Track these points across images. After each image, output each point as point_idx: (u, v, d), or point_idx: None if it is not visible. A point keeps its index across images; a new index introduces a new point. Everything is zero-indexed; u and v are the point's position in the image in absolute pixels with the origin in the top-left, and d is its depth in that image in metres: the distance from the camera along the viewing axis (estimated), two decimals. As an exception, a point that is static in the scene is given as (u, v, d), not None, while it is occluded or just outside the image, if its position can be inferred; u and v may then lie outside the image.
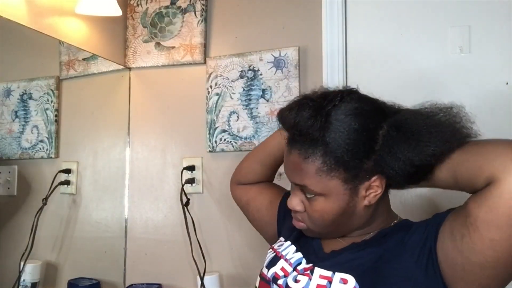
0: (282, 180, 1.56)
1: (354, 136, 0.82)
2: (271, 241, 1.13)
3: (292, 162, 0.88)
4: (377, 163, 0.84)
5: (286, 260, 0.95)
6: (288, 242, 0.99)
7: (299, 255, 0.95)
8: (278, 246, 1.01)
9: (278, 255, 0.98)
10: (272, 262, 0.98)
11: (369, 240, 0.90)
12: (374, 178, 0.85)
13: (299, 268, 0.92)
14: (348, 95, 0.86)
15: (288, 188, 0.99)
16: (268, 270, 0.97)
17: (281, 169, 1.53)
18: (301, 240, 0.98)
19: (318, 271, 0.88)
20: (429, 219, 0.84)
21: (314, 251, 0.94)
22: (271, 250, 1.03)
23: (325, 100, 0.85)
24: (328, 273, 0.86)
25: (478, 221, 0.72)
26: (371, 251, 0.87)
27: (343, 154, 0.82)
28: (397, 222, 0.93)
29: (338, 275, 0.85)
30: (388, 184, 0.88)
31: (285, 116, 0.88)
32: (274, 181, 1.27)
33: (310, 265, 0.90)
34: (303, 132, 0.84)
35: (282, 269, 0.94)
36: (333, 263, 0.88)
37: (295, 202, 0.91)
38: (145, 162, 1.79)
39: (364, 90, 0.91)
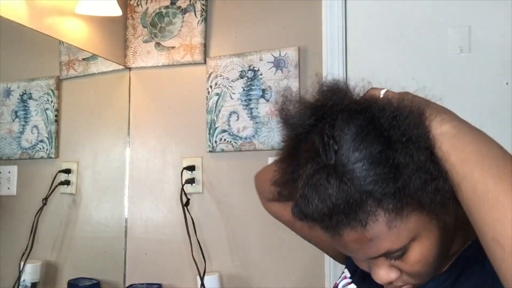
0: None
1: (382, 158, 0.60)
2: (336, 257, 0.94)
3: (353, 242, 0.63)
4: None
5: None
6: (353, 285, 0.82)
7: None
8: (342, 285, 0.84)
9: None
10: None
11: (444, 275, 0.71)
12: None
13: None
14: (335, 119, 0.63)
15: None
16: None
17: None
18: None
19: None
20: None
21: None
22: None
23: (319, 152, 0.61)
24: None
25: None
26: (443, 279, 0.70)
27: (390, 184, 0.59)
28: (471, 243, 0.71)
29: None
30: None
31: (309, 211, 0.61)
32: None
33: None
34: (341, 209, 0.59)
35: None
36: None
37: (386, 274, 0.67)
38: (145, 162, 1.79)
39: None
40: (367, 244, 0.62)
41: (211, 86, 1.67)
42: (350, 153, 0.60)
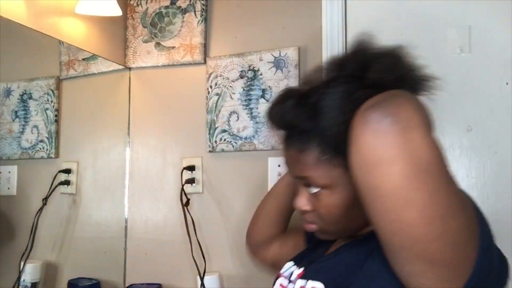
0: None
1: (347, 118, 0.72)
2: None
3: (290, 156, 0.83)
4: None
5: (282, 275, 0.92)
6: (290, 262, 0.95)
7: (291, 263, 0.92)
8: (284, 269, 0.95)
9: (279, 275, 0.93)
10: (274, 282, 0.94)
11: (356, 240, 0.82)
12: None
13: (292, 278, 0.87)
14: (334, 79, 0.79)
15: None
16: None
17: (281, 169, 1.54)
18: (308, 252, 0.94)
19: (299, 282, 0.82)
20: None
21: (313, 257, 0.89)
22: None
23: (310, 88, 0.80)
24: (303, 282, 0.80)
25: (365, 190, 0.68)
26: (348, 254, 0.79)
27: (339, 138, 0.72)
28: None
29: (310, 284, 0.78)
30: None
31: (271, 112, 0.84)
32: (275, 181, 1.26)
33: (302, 269, 0.86)
34: (291, 124, 0.80)
35: (281, 285, 0.90)
36: (317, 268, 0.82)
37: (302, 202, 0.84)
38: (145, 162, 1.79)
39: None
40: (297, 164, 0.81)
41: (211, 86, 1.67)
42: (329, 99, 0.76)
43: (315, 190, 0.81)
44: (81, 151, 1.72)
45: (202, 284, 1.53)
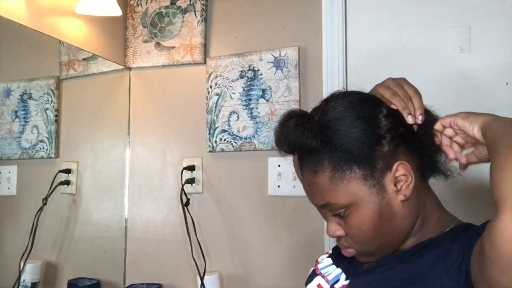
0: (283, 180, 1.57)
1: (354, 127, 0.75)
2: None
3: (307, 183, 0.80)
4: (390, 146, 0.75)
5: (323, 276, 0.89)
6: (328, 259, 0.92)
7: (338, 270, 0.87)
8: (321, 259, 0.94)
9: (316, 271, 0.91)
10: (309, 278, 0.91)
11: (404, 253, 0.78)
12: (395, 165, 0.75)
13: (336, 286, 0.85)
14: (332, 96, 0.81)
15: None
16: (306, 286, 0.91)
17: (281, 169, 1.54)
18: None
19: None
20: (480, 226, 0.72)
21: (356, 263, 0.86)
22: (314, 263, 0.95)
23: (310, 111, 0.81)
24: None
25: (485, 257, 0.59)
26: (403, 268, 0.76)
27: (349, 149, 0.74)
28: (453, 227, 0.79)
29: None
30: (421, 171, 0.79)
31: (276, 136, 0.81)
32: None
33: (347, 282, 0.83)
34: (297, 145, 0.77)
35: (318, 285, 0.87)
36: (369, 282, 0.79)
37: (334, 228, 0.80)
38: (145, 162, 1.79)
39: (364, 90, 0.90)
40: (315, 190, 0.78)
41: (211, 86, 1.67)
42: (331, 114, 0.77)
43: (339, 212, 0.77)
44: (81, 151, 1.72)
45: (202, 284, 1.53)
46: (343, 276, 0.86)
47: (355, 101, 0.78)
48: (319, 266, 0.92)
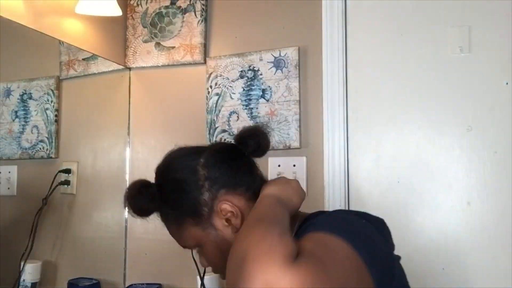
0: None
1: (174, 184, 0.90)
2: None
3: (171, 233, 0.96)
4: (210, 192, 0.87)
5: None
6: None
7: None
8: None
9: None
10: None
11: None
12: (218, 207, 0.86)
13: None
14: (167, 155, 1.00)
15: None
16: None
17: (281, 169, 1.54)
18: None
19: None
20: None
21: None
22: None
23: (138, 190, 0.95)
24: None
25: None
26: None
27: (175, 206, 0.89)
28: (299, 224, 0.85)
29: None
30: (252, 192, 0.88)
31: (130, 210, 0.95)
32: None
33: None
34: (142, 209, 0.93)
35: None
36: None
37: (201, 261, 0.96)
38: (145, 162, 1.79)
39: (364, 90, 0.91)
40: (176, 237, 0.94)
41: (211, 86, 1.67)
42: (158, 178, 0.96)
43: (198, 251, 0.94)
44: (81, 151, 1.71)
45: (202, 284, 1.53)
46: None
47: (175, 158, 0.97)
48: None
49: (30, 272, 1.48)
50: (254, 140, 0.93)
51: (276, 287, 0.52)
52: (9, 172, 1.49)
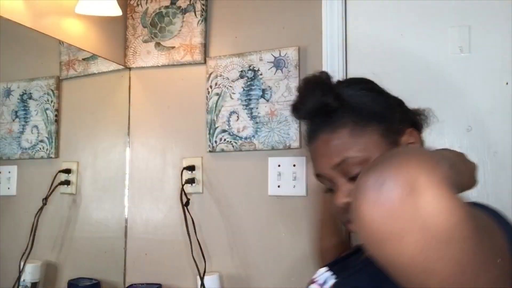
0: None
1: (371, 92, 0.82)
2: None
3: (322, 145, 0.80)
4: (402, 115, 0.82)
5: (314, 281, 0.91)
6: (324, 268, 0.94)
7: (328, 273, 0.90)
8: (318, 274, 0.95)
9: (313, 280, 0.93)
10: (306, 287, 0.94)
11: None
12: (409, 130, 0.81)
13: (325, 286, 0.87)
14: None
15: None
16: None
17: (282, 169, 1.54)
18: (343, 258, 0.93)
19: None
20: None
21: (345, 262, 0.88)
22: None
23: (325, 79, 0.86)
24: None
25: None
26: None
27: (370, 106, 0.79)
28: None
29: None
30: None
31: (299, 106, 0.84)
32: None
33: (336, 280, 0.85)
34: (320, 107, 0.79)
35: None
36: (347, 278, 0.81)
37: (343, 194, 0.78)
38: (145, 162, 1.79)
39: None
40: (332, 149, 0.78)
41: (211, 86, 1.67)
42: (349, 86, 0.83)
43: (356, 171, 0.76)
44: (81, 151, 1.72)
45: (202, 284, 1.53)
46: (333, 276, 0.88)
47: (361, 79, 0.87)
48: (315, 276, 0.94)
49: (30, 272, 1.48)
50: None
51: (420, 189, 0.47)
52: (9, 172, 1.49)
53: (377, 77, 0.92)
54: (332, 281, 0.87)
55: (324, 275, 0.91)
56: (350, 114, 0.79)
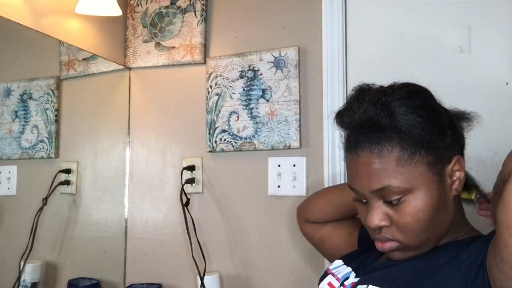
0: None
1: (423, 112, 0.75)
2: None
3: (364, 165, 0.75)
4: (451, 139, 0.77)
5: (333, 274, 0.89)
6: (340, 260, 0.93)
7: (348, 269, 0.89)
8: (333, 267, 0.94)
9: (328, 271, 0.92)
10: (321, 278, 0.92)
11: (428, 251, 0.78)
12: (455, 158, 0.76)
13: (346, 283, 0.86)
14: (391, 86, 0.82)
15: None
16: (318, 286, 0.92)
17: (281, 169, 1.54)
18: (359, 254, 0.92)
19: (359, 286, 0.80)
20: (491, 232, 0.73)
21: (367, 263, 0.87)
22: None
23: (379, 92, 0.79)
24: (363, 287, 0.78)
25: (499, 224, 0.62)
26: (414, 263, 0.76)
27: (419, 133, 0.73)
28: (467, 237, 0.79)
29: None
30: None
31: (346, 115, 0.78)
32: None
33: (357, 279, 0.84)
34: (372, 121, 0.74)
35: (329, 284, 0.88)
36: (379, 275, 0.79)
37: (378, 217, 0.75)
38: (145, 162, 1.79)
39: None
40: (375, 173, 0.73)
41: (211, 86, 1.67)
42: (399, 99, 0.75)
43: (395, 198, 0.74)
44: (81, 151, 1.71)
45: (202, 284, 1.53)
46: (353, 274, 0.87)
47: (417, 91, 0.81)
48: (331, 267, 0.93)
49: (30, 272, 1.48)
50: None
51: None
52: (9, 172, 1.49)
53: (377, 77, 0.92)
54: (353, 279, 0.86)
55: (342, 268, 0.90)
56: (398, 137, 0.73)
